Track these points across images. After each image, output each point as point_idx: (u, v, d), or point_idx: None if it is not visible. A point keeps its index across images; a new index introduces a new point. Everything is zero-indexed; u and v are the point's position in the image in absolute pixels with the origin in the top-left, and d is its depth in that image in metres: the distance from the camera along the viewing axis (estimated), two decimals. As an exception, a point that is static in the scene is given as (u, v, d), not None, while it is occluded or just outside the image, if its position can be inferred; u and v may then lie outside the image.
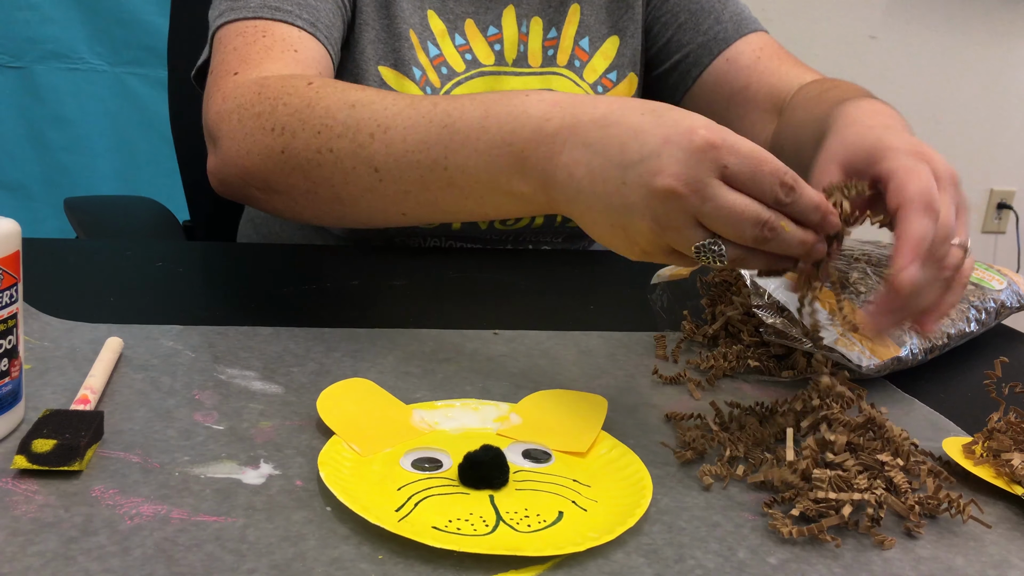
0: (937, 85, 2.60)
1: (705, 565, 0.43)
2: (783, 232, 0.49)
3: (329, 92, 0.64)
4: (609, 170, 0.51)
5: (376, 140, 0.60)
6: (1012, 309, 0.77)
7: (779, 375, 0.66)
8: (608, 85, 0.93)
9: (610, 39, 0.94)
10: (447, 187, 0.59)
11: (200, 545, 0.41)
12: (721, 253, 0.50)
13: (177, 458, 0.48)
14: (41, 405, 0.52)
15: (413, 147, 0.59)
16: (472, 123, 0.57)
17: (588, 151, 0.52)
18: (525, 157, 0.55)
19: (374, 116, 0.61)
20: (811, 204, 0.50)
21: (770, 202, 0.49)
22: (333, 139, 0.62)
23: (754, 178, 0.49)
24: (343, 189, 0.63)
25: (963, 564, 0.45)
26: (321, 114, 0.63)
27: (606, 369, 0.65)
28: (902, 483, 0.49)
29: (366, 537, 0.43)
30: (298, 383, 0.58)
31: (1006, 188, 2.77)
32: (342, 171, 0.62)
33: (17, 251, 0.48)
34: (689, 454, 0.53)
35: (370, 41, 0.84)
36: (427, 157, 0.58)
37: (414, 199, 0.61)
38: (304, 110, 0.64)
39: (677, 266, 0.50)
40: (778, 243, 0.50)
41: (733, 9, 0.95)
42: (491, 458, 0.48)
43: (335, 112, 0.62)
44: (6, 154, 1.96)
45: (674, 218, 0.49)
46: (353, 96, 0.63)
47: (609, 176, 0.51)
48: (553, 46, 0.92)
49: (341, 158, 0.62)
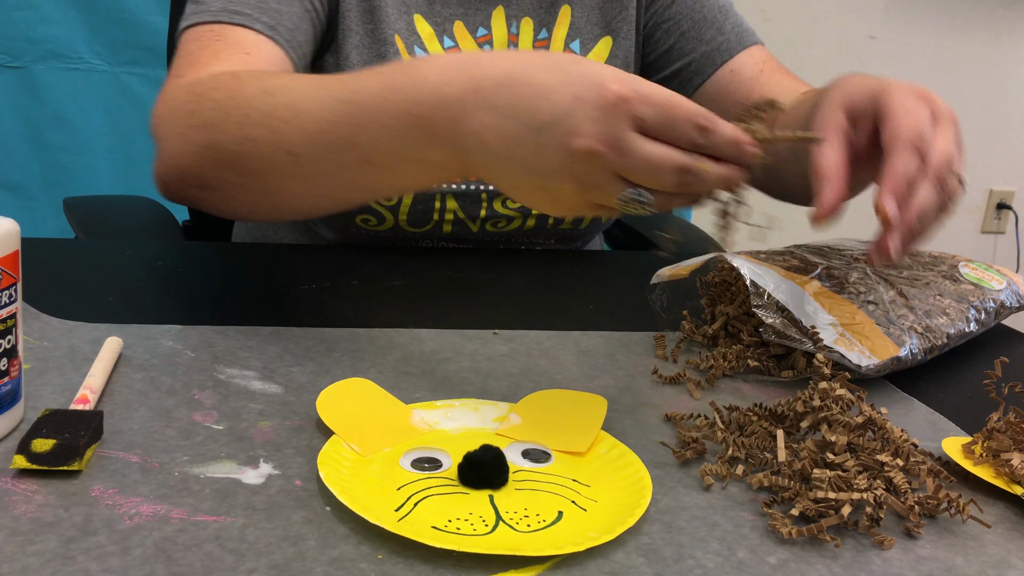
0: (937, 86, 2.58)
1: (705, 565, 0.43)
2: (704, 173, 0.50)
3: (250, 82, 0.64)
4: (522, 133, 0.50)
5: (290, 125, 0.60)
6: (1012, 309, 0.77)
7: (779, 375, 0.66)
8: None
9: (602, 40, 0.94)
10: (363, 164, 0.58)
11: (199, 545, 0.41)
12: (646, 202, 0.50)
13: (176, 458, 0.48)
14: (40, 405, 0.52)
15: (324, 127, 0.58)
16: (375, 96, 0.56)
17: (497, 114, 0.51)
18: (431, 124, 0.54)
19: (287, 101, 0.61)
20: (727, 140, 0.50)
21: (687, 146, 0.49)
22: (252, 128, 0.61)
23: (669, 125, 0.49)
24: (267, 178, 0.63)
25: (963, 564, 0.45)
26: (242, 105, 0.63)
27: (606, 369, 0.65)
28: (902, 483, 0.48)
29: (366, 537, 0.43)
30: (298, 383, 0.58)
31: (1006, 188, 2.77)
32: (263, 160, 0.62)
33: (16, 251, 0.48)
34: (689, 454, 0.53)
35: (354, 47, 0.84)
36: (338, 137, 0.58)
37: (334, 181, 0.60)
38: (226, 103, 0.64)
39: (603, 215, 0.51)
40: (700, 183, 0.50)
41: (734, 21, 0.96)
42: (491, 458, 0.48)
43: (253, 101, 0.62)
44: (5, 154, 1.96)
45: (596, 176, 0.49)
46: (271, 83, 0.63)
47: (524, 139, 0.50)
48: (544, 47, 0.91)
49: (260, 146, 0.61)
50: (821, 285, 0.69)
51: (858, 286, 0.70)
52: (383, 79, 0.57)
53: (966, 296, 0.73)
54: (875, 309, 0.67)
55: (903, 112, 0.55)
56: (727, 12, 0.96)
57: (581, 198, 0.51)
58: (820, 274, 0.71)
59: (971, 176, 2.70)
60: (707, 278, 0.74)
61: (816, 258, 0.75)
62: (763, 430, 0.54)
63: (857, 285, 0.70)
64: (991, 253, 2.82)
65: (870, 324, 0.66)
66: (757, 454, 0.53)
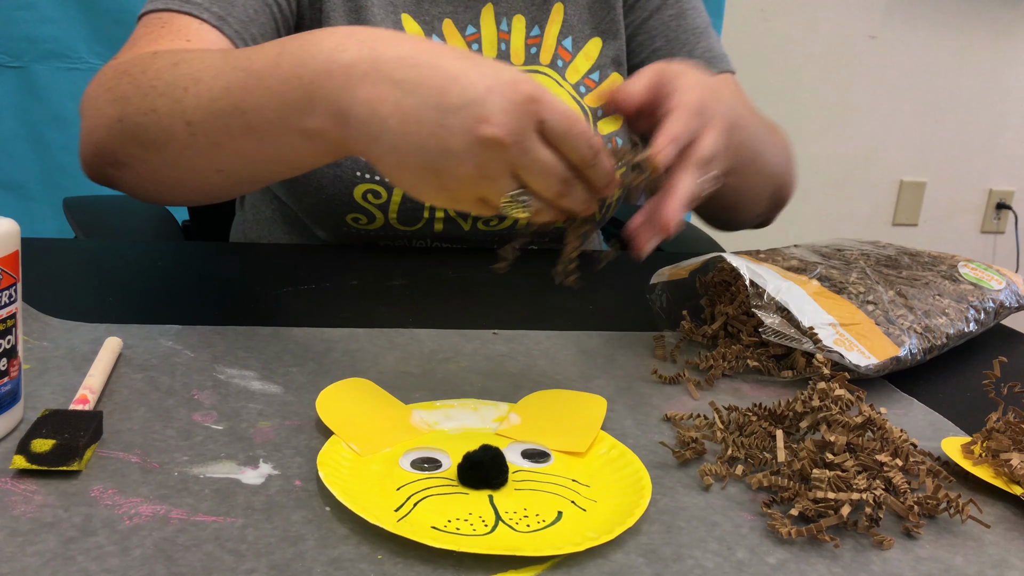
0: (936, 85, 2.60)
1: (704, 565, 0.43)
2: (577, 191, 0.53)
3: (164, 56, 0.64)
4: (425, 111, 0.50)
5: (189, 93, 0.60)
6: (1011, 309, 0.77)
7: (778, 375, 0.66)
8: (591, 85, 0.93)
9: (592, 40, 0.94)
10: (247, 132, 0.58)
11: (199, 545, 0.41)
12: (527, 205, 0.52)
13: (176, 458, 0.48)
14: (40, 405, 0.52)
15: (218, 95, 0.58)
16: (267, 62, 0.56)
17: (397, 89, 0.51)
18: (315, 89, 0.53)
19: (191, 71, 0.61)
20: (605, 171, 0.54)
21: (576, 160, 0.52)
22: (157, 98, 0.61)
23: (567, 136, 0.51)
24: (166, 150, 0.62)
25: (962, 564, 0.45)
26: (151, 76, 0.63)
27: (605, 369, 0.65)
28: (901, 483, 0.49)
29: (365, 537, 0.43)
30: (297, 383, 0.58)
31: (1005, 188, 2.77)
32: (163, 130, 0.61)
33: (16, 251, 0.48)
34: (688, 454, 0.53)
35: None
36: (228, 103, 0.58)
37: (223, 151, 0.60)
38: (139, 76, 0.64)
39: (479, 212, 0.54)
40: (571, 200, 0.53)
41: (706, 45, 0.96)
42: (490, 458, 0.48)
43: (162, 72, 0.62)
44: (5, 154, 1.96)
45: (493, 167, 0.50)
46: (181, 56, 0.63)
47: (425, 117, 0.50)
48: (536, 44, 0.92)
49: (161, 116, 0.61)
50: (820, 285, 0.69)
51: (857, 286, 0.70)
52: (279, 46, 0.57)
53: (965, 296, 0.73)
54: (874, 309, 0.68)
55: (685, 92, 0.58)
56: (701, 35, 0.97)
57: (471, 188, 0.51)
58: (819, 274, 0.71)
59: (971, 176, 2.71)
60: (707, 278, 0.74)
61: (815, 258, 0.75)
62: (762, 430, 0.55)
63: (856, 285, 0.70)
64: (991, 253, 2.82)
65: (869, 324, 0.66)
66: (756, 454, 0.53)
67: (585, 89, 0.93)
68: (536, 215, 0.53)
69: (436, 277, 0.82)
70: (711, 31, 0.98)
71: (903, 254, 0.80)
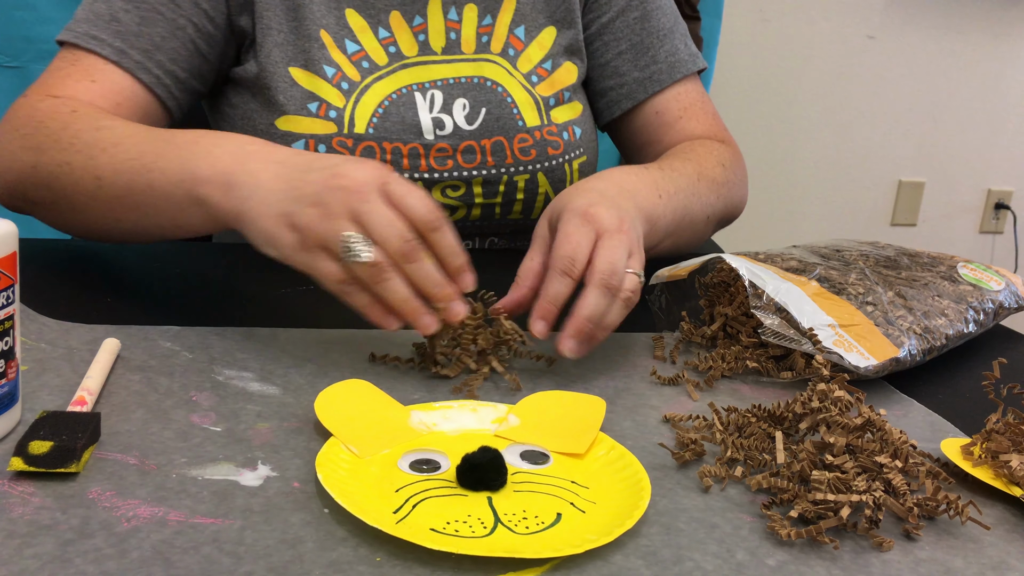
0: (935, 85, 2.60)
1: (704, 567, 0.43)
2: (423, 262, 0.58)
3: (84, 118, 0.73)
4: (295, 172, 0.60)
5: (106, 154, 0.69)
6: (1010, 310, 0.77)
7: (777, 376, 0.66)
8: (543, 75, 0.93)
9: (547, 29, 0.94)
10: (147, 190, 0.66)
11: (197, 547, 0.41)
12: (364, 252, 0.56)
13: (174, 460, 0.48)
14: (38, 407, 0.52)
15: (133, 155, 0.67)
16: (187, 138, 0.66)
17: (280, 165, 0.61)
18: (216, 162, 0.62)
19: (113, 136, 0.70)
20: (449, 243, 0.59)
21: (416, 221, 0.58)
22: (72, 154, 0.70)
23: (407, 196, 0.58)
24: (74, 198, 0.71)
25: (962, 566, 0.45)
26: (71, 135, 0.71)
27: (604, 370, 0.65)
28: (900, 484, 0.48)
29: (364, 539, 0.43)
30: (296, 384, 0.58)
31: (1004, 188, 2.77)
32: (73, 182, 0.70)
33: (14, 252, 0.48)
34: (687, 455, 0.53)
35: (277, 44, 0.85)
36: (139, 163, 0.67)
37: (121, 204, 0.68)
38: (59, 131, 0.72)
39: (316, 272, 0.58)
40: (421, 269, 0.58)
41: (670, 48, 0.96)
42: (489, 460, 0.48)
43: (82, 133, 0.71)
44: (3, 154, 1.96)
45: (337, 208, 0.57)
46: (103, 122, 0.72)
47: (293, 176, 0.59)
48: (488, 33, 0.92)
49: (74, 169, 0.70)
50: (819, 286, 0.69)
51: (856, 287, 0.70)
52: (199, 134, 0.66)
53: (965, 297, 0.73)
54: (874, 310, 0.67)
55: (562, 240, 0.62)
56: (665, 38, 0.96)
57: (317, 225, 0.57)
58: (819, 275, 0.71)
59: (969, 176, 2.71)
60: (706, 279, 0.74)
61: (814, 259, 0.75)
62: (762, 431, 0.54)
63: (856, 286, 0.70)
64: (989, 253, 2.82)
65: (869, 325, 0.66)
66: (756, 455, 0.53)
67: (537, 79, 0.92)
68: (376, 275, 0.57)
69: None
70: (677, 30, 0.97)
71: (902, 255, 0.80)
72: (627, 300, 0.62)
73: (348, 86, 0.86)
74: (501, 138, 0.90)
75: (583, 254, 0.62)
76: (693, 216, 0.82)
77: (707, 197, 0.85)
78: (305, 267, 0.58)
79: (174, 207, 0.65)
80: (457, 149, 0.88)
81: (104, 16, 0.79)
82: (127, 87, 0.79)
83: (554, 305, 0.61)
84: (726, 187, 0.89)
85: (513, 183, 0.91)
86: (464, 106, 0.89)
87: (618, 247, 0.62)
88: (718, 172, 0.88)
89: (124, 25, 0.79)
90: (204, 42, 0.83)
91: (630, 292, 0.62)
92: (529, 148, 0.91)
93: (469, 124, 0.89)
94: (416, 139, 0.86)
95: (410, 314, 0.58)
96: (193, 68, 0.83)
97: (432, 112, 0.88)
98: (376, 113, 0.86)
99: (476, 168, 0.89)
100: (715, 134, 0.97)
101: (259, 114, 0.85)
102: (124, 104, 0.79)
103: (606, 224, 0.63)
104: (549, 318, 0.61)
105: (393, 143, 0.86)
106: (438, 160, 0.87)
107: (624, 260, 0.63)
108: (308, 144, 0.84)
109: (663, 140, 0.96)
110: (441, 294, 0.59)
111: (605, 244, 0.62)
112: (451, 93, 0.89)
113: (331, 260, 0.57)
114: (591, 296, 0.61)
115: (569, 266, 0.61)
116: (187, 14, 0.82)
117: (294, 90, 0.84)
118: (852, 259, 0.76)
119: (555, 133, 0.92)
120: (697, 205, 0.82)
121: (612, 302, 0.61)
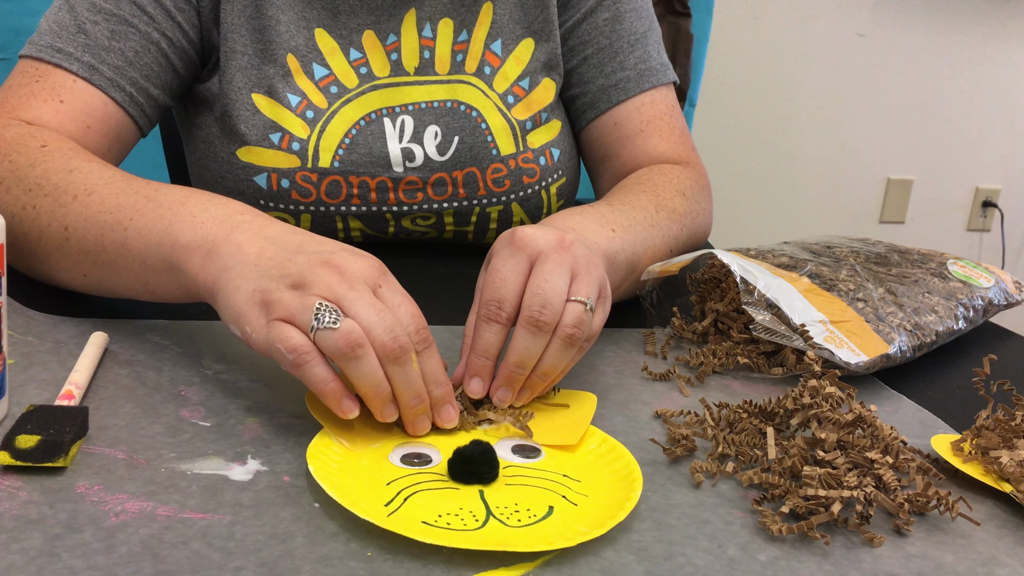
0: (924, 83, 2.61)
1: (695, 562, 0.43)
2: (409, 361, 0.50)
3: (55, 156, 0.66)
4: (282, 252, 0.53)
5: (77, 202, 0.62)
6: (999, 307, 0.77)
7: (768, 372, 0.66)
8: (520, 94, 0.87)
9: (524, 41, 0.88)
10: (119, 248, 0.59)
11: (186, 542, 0.41)
12: (333, 321, 0.48)
13: (163, 454, 0.48)
14: (25, 400, 0.51)
15: (108, 208, 0.60)
16: (174, 196, 0.59)
17: (267, 241, 0.54)
18: (199, 228, 0.56)
19: (85, 182, 0.63)
20: (435, 375, 0.52)
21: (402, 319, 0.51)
22: (40, 198, 0.63)
23: (401, 301, 0.52)
24: (38, 245, 0.64)
25: (952, 561, 0.45)
26: (39, 174, 0.64)
27: (595, 365, 0.65)
28: (891, 480, 0.49)
29: (355, 534, 0.42)
30: (286, 379, 0.57)
31: (991, 186, 2.78)
32: (38, 228, 0.63)
33: (1, 245, 0.48)
34: (679, 451, 0.53)
35: (240, 68, 0.81)
36: (114, 218, 0.60)
37: (91, 260, 0.62)
38: (25, 168, 0.65)
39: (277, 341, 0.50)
40: (402, 368, 0.50)
41: (640, 54, 0.90)
42: (481, 453, 0.47)
43: (51, 174, 0.64)
44: (-10, 147, 1.95)
45: (321, 287, 0.49)
46: (75, 164, 0.65)
47: (279, 255, 0.52)
48: (463, 51, 0.86)
49: (41, 215, 0.63)
50: (811, 282, 0.69)
51: (847, 283, 0.70)
52: (192, 194, 0.59)
53: (955, 294, 0.73)
54: (864, 306, 0.68)
55: (488, 279, 0.56)
56: (636, 43, 0.90)
57: (291, 301, 0.49)
58: (810, 271, 0.71)
59: (957, 174, 2.72)
60: (697, 275, 0.74)
61: (805, 255, 0.75)
62: (753, 427, 0.54)
63: (846, 282, 0.70)
64: (977, 251, 2.83)
65: (859, 321, 0.66)
66: (747, 451, 0.53)
67: (513, 99, 0.87)
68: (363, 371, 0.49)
69: (428, 273, 0.82)
70: (651, 36, 0.91)
71: (893, 251, 0.80)
72: (568, 338, 0.53)
73: (313, 114, 0.81)
74: (474, 169, 0.85)
75: (511, 290, 0.54)
76: (656, 249, 0.73)
77: (669, 228, 0.76)
78: (266, 345, 0.50)
79: (148, 271, 0.58)
80: (427, 182, 0.84)
81: (70, 28, 0.74)
82: (98, 107, 0.74)
83: (486, 358, 0.54)
84: (689, 217, 0.80)
85: (486, 214, 0.87)
86: (436, 134, 0.84)
87: (552, 271, 0.54)
88: (678, 202, 0.79)
89: (93, 38, 0.74)
90: (177, 57, 0.80)
91: (571, 328, 0.53)
92: (503, 179, 0.86)
93: (440, 154, 0.84)
94: (384, 172, 0.83)
95: (378, 401, 0.50)
96: (165, 84, 0.79)
97: (402, 141, 0.83)
98: (342, 144, 0.82)
99: (447, 200, 0.86)
100: (679, 154, 0.89)
101: (220, 142, 0.82)
102: (95, 127, 0.74)
103: (539, 245, 0.56)
104: (483, 374, 0.55)
105: (360, 177, 0.82)
106: (407, 193, 0.84)
107: (562, 286, 0.54)
108: (271, 178, 0.80)
109: (620, 155, 0.90)
110: (416, 401, 0.51)
111: (536, 271, 0.54)
112: (422, 119, 0.84)
113: (295, 330, 0.49)
114: (517, 338, 0.54)
115: (495, 311, 0.54)
116: (161, 28, 0.77)
117: (256, 119, 0.81)
118: (843, 256, 0.76)
119: (531, 160, 0.87)
120: (659, 238, 0.74)
121: (548, 341, 0.54)
